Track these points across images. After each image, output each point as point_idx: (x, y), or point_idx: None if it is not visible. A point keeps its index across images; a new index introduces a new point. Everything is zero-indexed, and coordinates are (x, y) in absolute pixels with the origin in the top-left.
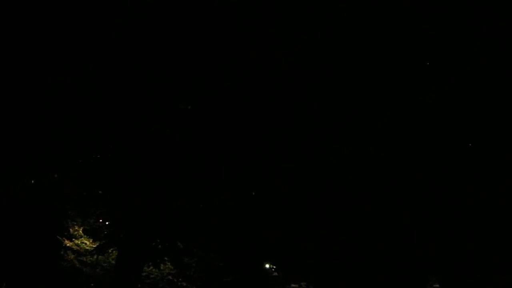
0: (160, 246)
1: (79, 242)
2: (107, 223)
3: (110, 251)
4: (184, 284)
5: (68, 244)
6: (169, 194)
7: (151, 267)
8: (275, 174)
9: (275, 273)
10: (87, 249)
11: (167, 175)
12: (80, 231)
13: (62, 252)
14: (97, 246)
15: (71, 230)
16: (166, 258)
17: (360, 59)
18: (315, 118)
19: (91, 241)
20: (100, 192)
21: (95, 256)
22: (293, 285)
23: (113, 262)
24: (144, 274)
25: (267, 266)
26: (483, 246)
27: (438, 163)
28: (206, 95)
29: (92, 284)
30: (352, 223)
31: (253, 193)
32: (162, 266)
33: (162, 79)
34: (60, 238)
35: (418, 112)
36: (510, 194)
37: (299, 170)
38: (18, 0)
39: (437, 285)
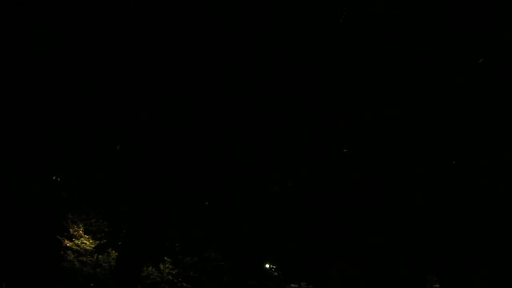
0: (160, 246)
1: (79, 242)
2: (107, 223)
3: (110, 251)
4: (184, 284)
5: (68, 244)
6: (169, 194)
7: (150, 267)
8: (275, 174)
9: (275, 273)
10: (87, 249)
11: (168, 175)
12: (80, 231)
13: (62, 252)
14: (97, 246)
15: (71, 230)
16: (166, 258)
17: (360, 58)
18: (315, 117)
19: (91, 241)
20: (100, 193)
21: (95, 256)
22: (293, 285)
23: (113, 262)
24: (144, 274)
25: (267, 266)
26: (483, 246)
27: (439, 162)
28: (205, 95)
29: (92, 284)
30: (352, 223)
31: (253, 193)
32: (162, 266)
33: (159, 80)
34: (60, 238)
35: (418, 112)
36: (510, 194)
37: (299, 170)
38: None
39: (437, 285)
